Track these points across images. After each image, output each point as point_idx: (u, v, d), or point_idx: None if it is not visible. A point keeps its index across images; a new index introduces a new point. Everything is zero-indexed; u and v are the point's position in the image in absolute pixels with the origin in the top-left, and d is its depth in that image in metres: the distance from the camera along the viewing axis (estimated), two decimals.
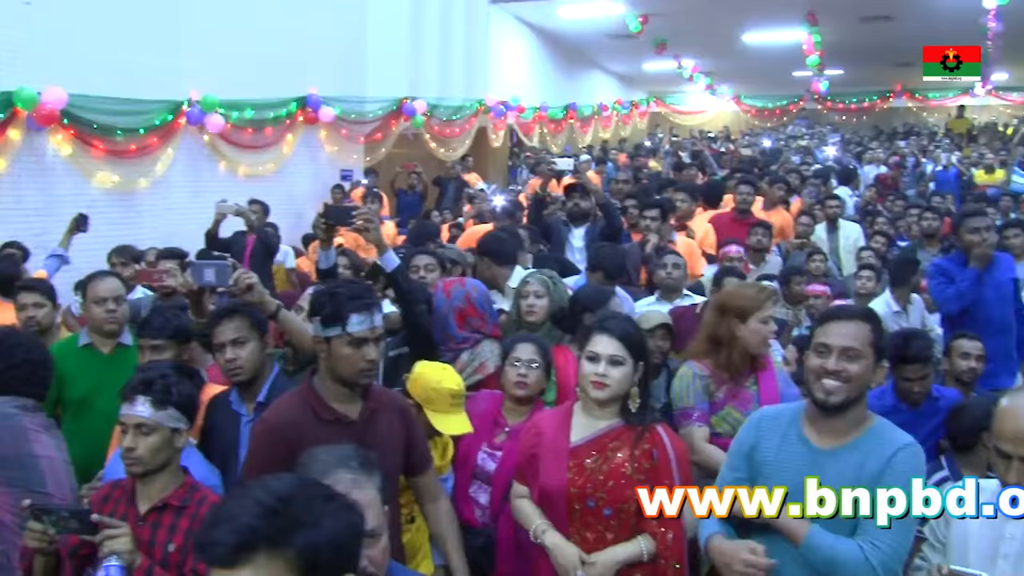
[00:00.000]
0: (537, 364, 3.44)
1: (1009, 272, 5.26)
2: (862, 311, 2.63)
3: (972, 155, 16.26)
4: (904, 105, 26.19)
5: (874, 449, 2.49)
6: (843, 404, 2.51)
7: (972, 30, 17.13)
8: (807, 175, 11.19)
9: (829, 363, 2.50)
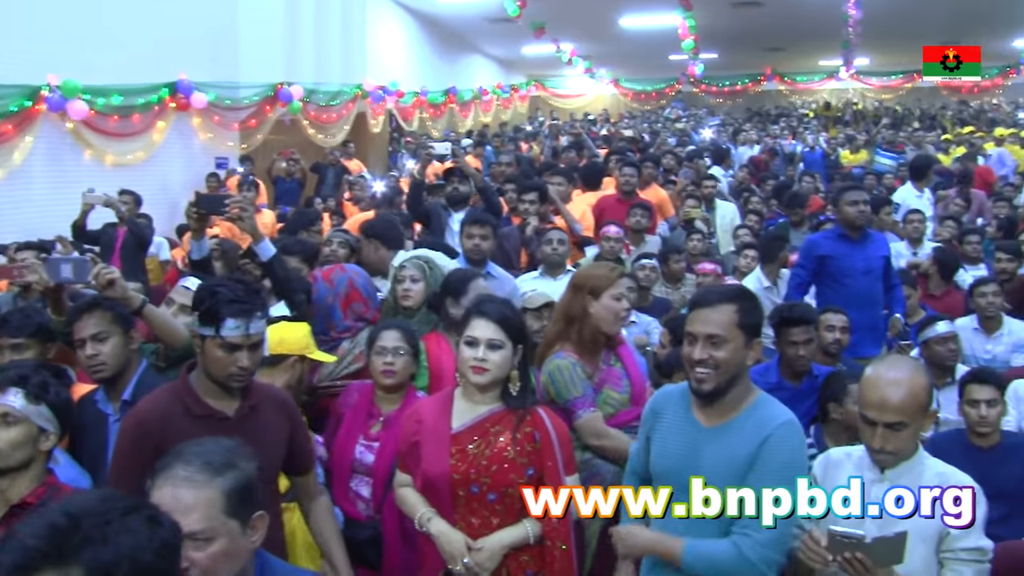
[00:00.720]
0: (403, 351, 3.41)
1: (881, 249, 5.47)
2: (729, 294, 2.62)
3: (839, 136, 16.91)
4: (775, 88, 27.05)
5: (753, 427, 2.52)
6: (716, 391, 2.54)
7: (835, 17, 17.85)
8: (683, 156, 11.43)
9: (695, 352, 2.52)
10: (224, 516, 1.94)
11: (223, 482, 1.96)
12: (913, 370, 2.53)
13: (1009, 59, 23.63)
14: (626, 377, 3.48)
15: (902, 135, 16.60)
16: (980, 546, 2.44)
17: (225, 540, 1.94)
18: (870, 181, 10.59)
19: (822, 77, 25.88)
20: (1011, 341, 5.31)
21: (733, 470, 2.48)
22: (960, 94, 25.03)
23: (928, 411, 2.52)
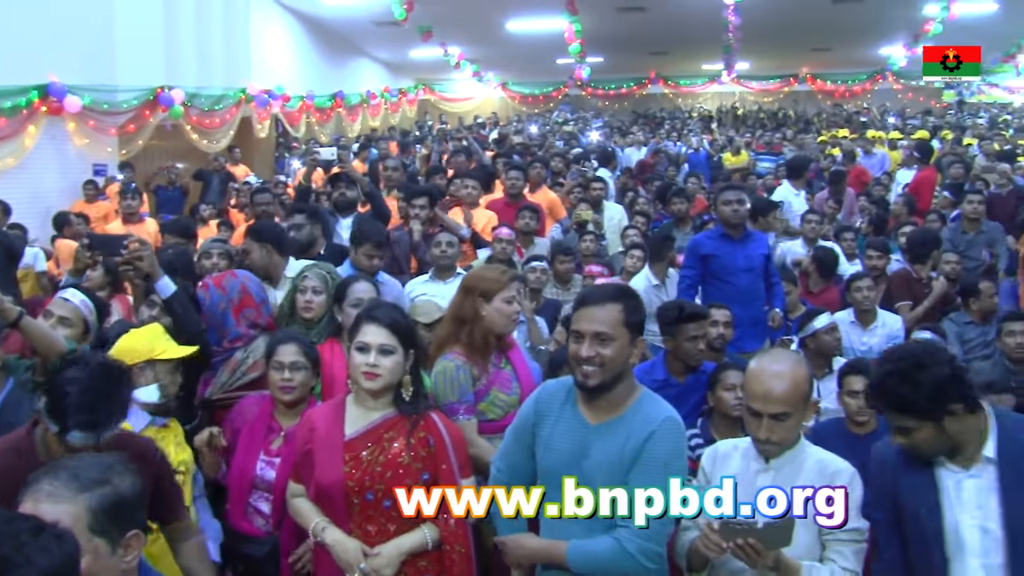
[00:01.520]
0: (301, 365, 3.35)
1: (761, 248, 5.67)
2: (614, 292, 2.65)
3: (720, 139, 17.39)
4: (660, 91, 27.59)
5: (636, 424, 2.57)
6: (601, 386, 2.57)
7: (716, 23, 18.37)
8: (570, 159, 11.57)
9: (583, 350, 2.55)
10: (89, 533, 1.88)
11: (89, 498, 1.90)
12: (795, 363, 2.63)
13: (877, 65, 24.75)
14: (516, 379, 3.50)
15: (778, 136, 17.19)
16: (858, 527, 2.55)
17: (89, 558, 1.86)
18: (751, 182, 10.95)
19: (705, 81, 26.54)
20: (885, 333, 5.55)
21: (620, 466, 2.53)
22: (833, 98, 26.10)
23: (809, 401, 2.63)
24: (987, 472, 2.46)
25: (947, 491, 2.49)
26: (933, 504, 2.49)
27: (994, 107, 22.76)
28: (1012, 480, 2.43)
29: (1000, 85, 24.50)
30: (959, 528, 2.47)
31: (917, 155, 10.74)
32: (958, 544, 2.47)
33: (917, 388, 2.39)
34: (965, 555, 2.46)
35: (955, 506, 2.48)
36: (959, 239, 7.18)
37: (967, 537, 2.46)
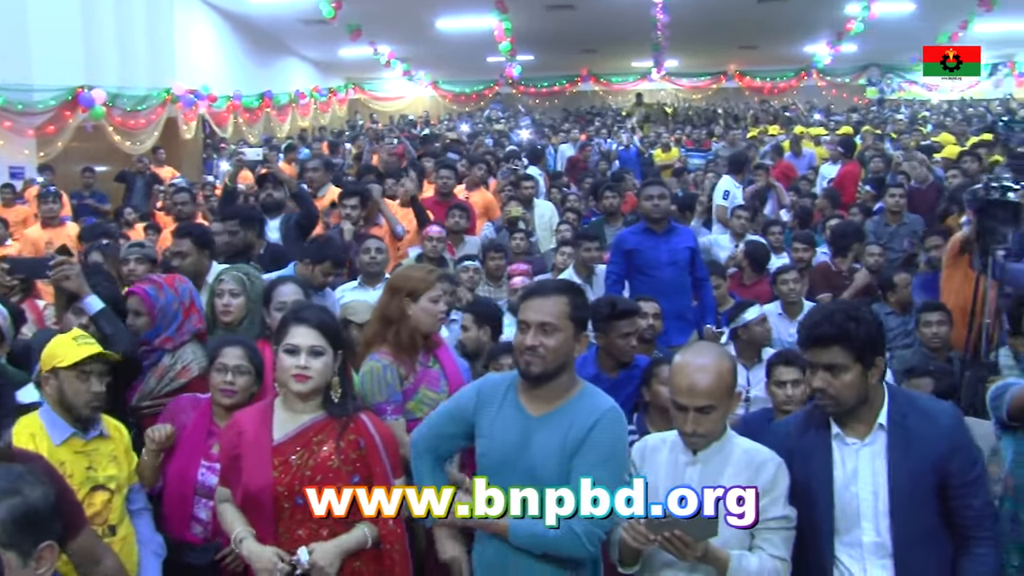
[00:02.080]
0: (245, 369, 3.28)
1: (686, 241, 5.71)
2: (561, 286, 2.75)
3: (650, 135, 17.56)
4: (591, 89, 27.76)
5: (579, 415, 2.62)
6: (543, 375, 2.62)
7: (645, 21, 18.55)
8: (500, 157, 11.57)
9: (528, 338, 2.59)
10: None
11: None
12: (718, 355, 2.66)
13: (802, 63, 25.25)
14: (444, 377, 3.51)
15: (707, 133, 17.41)
16: (786, 514, 2.58)
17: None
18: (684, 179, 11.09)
19: (635, 78, 26.73)
20: None
21: (563, 455, 2.58)
22: (761, 95, 26.54)
23: (734, 393, 2.66)
24: (879, 439, 2.60)
25: (842, 464, 2.62)
26: (826, 476, 2.61)
27: (914, 104, 23.36)
28: (898, 446, 2.57)
29: (919, 83, 25.20)
30: (853, 497, 2.59)
31: (841, 150, 10.97)
32: (850, 512, 2.59)
33: (859, 324, 2.54)
34: (859, 520, 2.58)
35: (848, 477, 2.60)
36: (882, 231, 7.34)
37: (860, 503, 2.58)
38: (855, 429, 2.63)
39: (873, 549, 2.58)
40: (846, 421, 2.64)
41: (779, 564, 2.56)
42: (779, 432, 2.75)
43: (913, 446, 2.57)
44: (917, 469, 2.56)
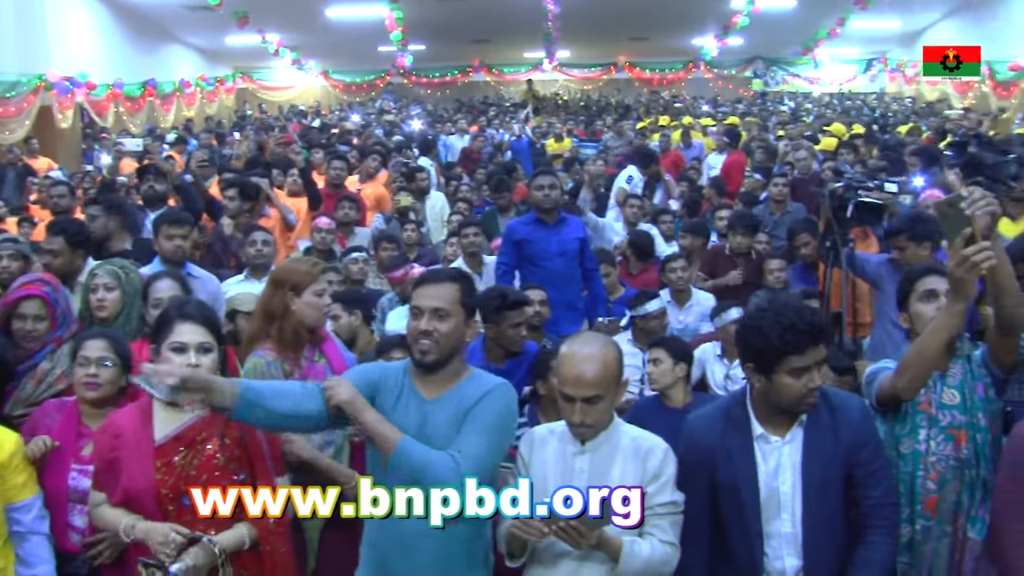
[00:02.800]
0: (110, 361, 3.15)
1: (576, 232, 5.76)
2: (452, 274, 2.78)
3: (542, 125, 17.66)
4: (483, 79, 27.75)
5: (470, 391, 2.66)
6: (437, 361, 2.63)
7: (536, 11, 18.63)
8: (391, 148, 11.48)
9: (421, 324, 2.61)
10: None
11: None
12: (604, 345, 2.68)
13: (691, 55, 25.79)
14: (330, 372, 3.43)
15: (599, 124, 17.62)
16: (674, 499, 2.63)
17: None
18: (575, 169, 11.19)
19: (528, 68, 26.81)
20: (699, 311, 5.77)
21: (457, 430, 2.59)
22: (651, 86, 27.02)
23: (621, 382, 2.68)
24: (799, 435, 2.66)
25: (764, 461, 2.66)
26: (751, 476, 2.66)
27: (797, 96, 24.15)
28: (814, 440, 2.64)
29: (801, 76, 26.08)
30: (774, 492, 2.65)
31: (727, 140, 11.25)
32: (773, 505, 2.65)
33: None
34: (779, 512, 2.64)
35: (771, 474, 2.66)
36: (767, 220, 7.55)
37: (781, 497, 2.64)
38: (778, 427, 2.68)
39: (790, 539, 2.65)
40: (770, 418, 2.69)
41: (669, 548, 2.61)
42: (699, 430, 2.77)
43: (827, 439, 2.64)
44: (829, 461, 2.63)
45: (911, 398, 2.85)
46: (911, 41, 22.42)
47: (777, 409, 2.65)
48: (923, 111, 17.87)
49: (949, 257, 2.58)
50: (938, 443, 2.86)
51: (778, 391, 2.59)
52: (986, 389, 2.91)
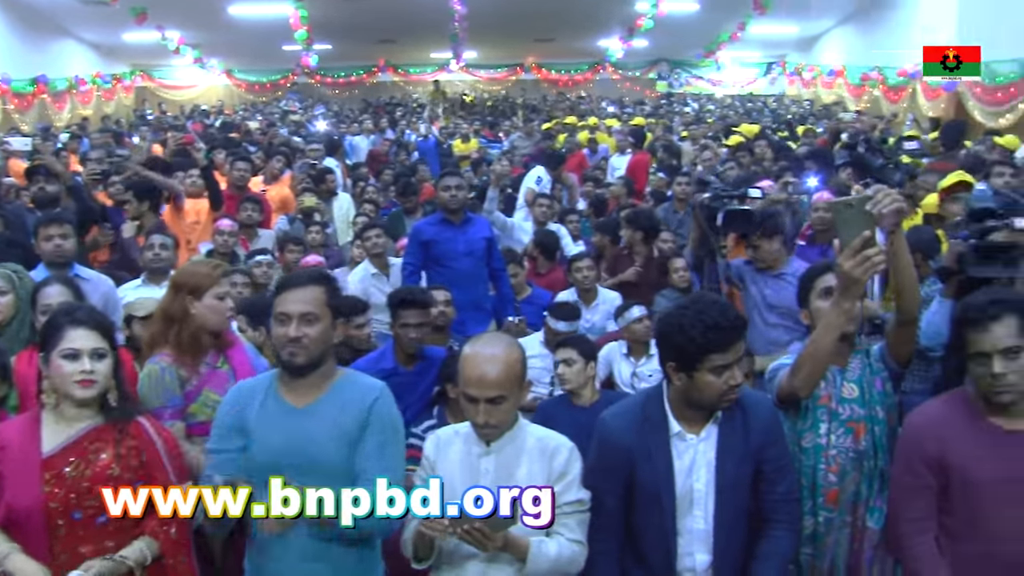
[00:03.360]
0: None
1: (483, 232, 5.77)
2: (316, 276, 2.76)
3: (449, 125, 17.64)
4: (390, 79, 27.57)
5: (350, 397, 2.66)
6: (308, 365, 2.63)
7: (442, 11, 18.59)
8: (299, 148, 11.31)
9: (291, 330, 2.59)
10: None
11: None
12: (507, 346, 2.67)
13: (597, 56, 26.09)
14: (233, 379, 3.33)
15: (507, 124, 17.67)
16: (580, 498, 2.64)
17: None
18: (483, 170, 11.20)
19: (434, 69, 26.75)
20: (605, 310, 5.81)
21: (342, 441, 2.60)
22: (558, 87, 27.23)
23: (524, 383, 2.68)
24: (713, 433, 2.68)
25: (680, 459, 2.68)
26: (668, 475, 2.67)
27: (700, 98, 24.65)
28: (727, 438, 2.67)
29: (704, 78, 26.65)
30: (690, 489, 2.67)
31: (632, 140, 11.40)
32: (686, 502, 2.67)
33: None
34: (692, 508, 2.67)
35: (687, 471, 2.68)
36: (672, 218, 7.66)
37: (694, 493, 2.67)
38: (694, 424, 2.69)
39: (701, 536, 2.68)
40: (687, 415, 2.70)
41: (577, 547, 2.62)
42: (616, 429, 2.75)
43: (739, 437, 2.67)
44: (741, 459, 2.67)
45: (807, 396, 2.92)
46: (808, 46, 23.17)
47: (696, 407, 2.67)
48: (820, 113, 18.43)
49: (843, 257, 2.60)
50: (838, 436, 2.94)
51: (699, 389, 2.59)
52: (884, 383, 3.00)
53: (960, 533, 2.64)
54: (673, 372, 2.64)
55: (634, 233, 6.40)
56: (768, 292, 4.64)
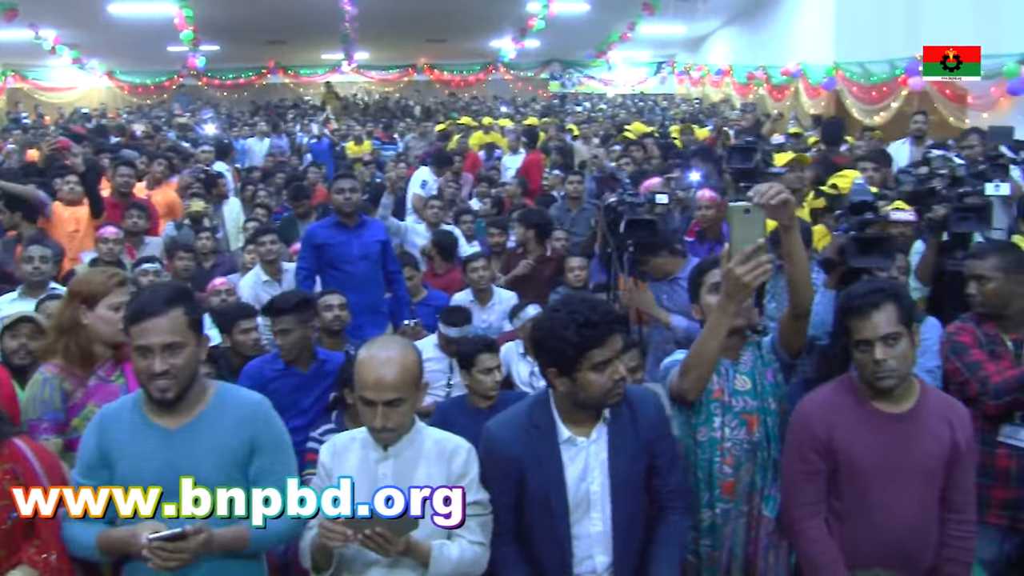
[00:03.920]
0: None
1: (377, 235, 5.72)
2: (172, 296, 2.52)
3: (343, 127, 17.42)
4: (281, 81, 27.13)
5: (230, 414, 2.57)
6: (180, 395, 2.50)
7: (333, 12, 18.38)
8: (190, 153, 11.01)
9: (155, 365, 2.44)
10: None
11: None
12: (403, 348, 2.64)
13: (489, 57, 26.18)
14: (126, 392, 3.19)
15: (402, 126, 17.54)
16: (479, 499, 2.64)
17: None
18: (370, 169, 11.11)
19: (326, 70, 26.45)
20: (501, 309, 5.83)
21: (226, 458, 2.51)
22: (451, 87, 27.23)
23: (420, 385, 2.66)
24: (603, 434, 2.68)
25: (572, 463, 2.68)
26: (559, 480, 2.66)
27: (592, 97, 24.99)
28: (617, 438, 2.68)
29: (596, 78, 27.03)
30: (585, 492, 2.67)
31: (525, 140, 11.47)
32: (583, 506, 2.68)
33: None
34: (588, 512, 2.67)
35: (579, 475, 2.68)
36: (564, 217, 7.73)
37: (591, 496, 2.67)
38: (583, 426, 2.69)
39: (599, 538, 2.69)
40: (575, 418, 2.69)
41: (479, 549, 2.61)
42: (501, 440, 2.72)
43: (630, 435, 2.68)
44: (634, 456, 2.68)
45: (695, 398, 2.94)
46: (696, 46, 23.75)
47: (585, 407, 2.66)
48: (708, 112, 18.90)
49: (733, 262, 2.57)
50: (732, 428, 2.98)
51: (584, 389, 2.58)
52: (775, 374, 3.06)
53: (848, 514, 2.74)
54: (555, 378, 2.63)
55: (527, 231, 6.44)
56: (663, 297, 4.70)
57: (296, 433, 3.61)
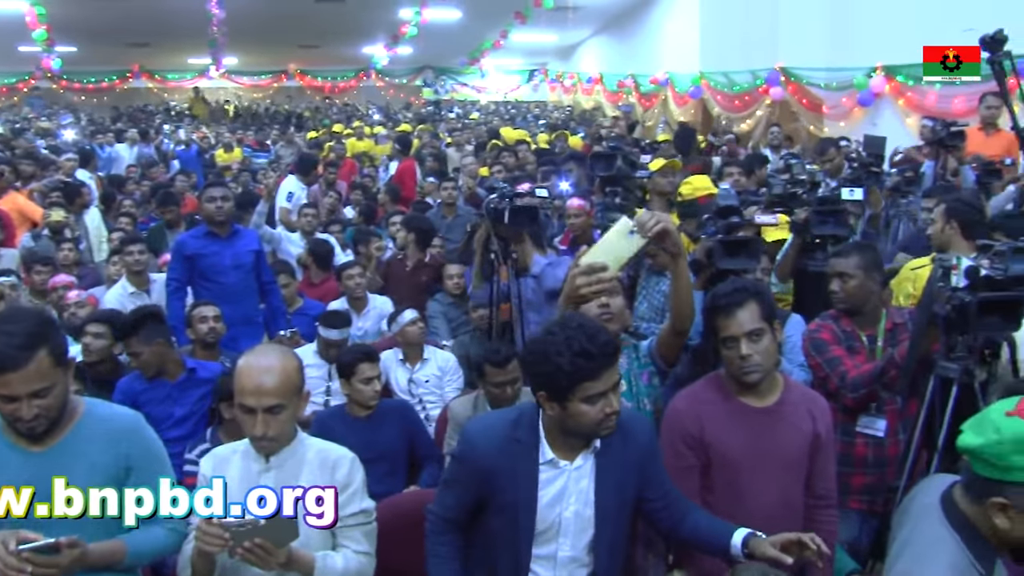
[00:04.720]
0: None
1: (250, 244, 5.62)
2: (32, 338, 2.34)
3: (211, 135, 17.03)
4: (145, 85, 26.29)
5: (102, 433, 2.49)
6: (50, 428, 2.40)
7: (200, 15, 17.90)
8: (49, 160, 10.54)
9: (22, 410, 2.33)
10: None
11: None
12: (283, 355, 2.62)
13: (362, 64, 26.02)
14: None
15: (275, 133, 17.26)
16: (364, 508, 2.61)
17: None
18: (244, 177, 10.90)
19: (193, 75, 25.80)
20: (376, 315, 5.83)
21: (100, 478, 2.41)
22: (323, 93, 26.94)
23: (302, 392, 2.63)
24: (589, 462, 2.60)
25: (550, 485, 2.59)
26: (531, 498, 2.57)
27: (465, 104, 25.14)
28: (606, 467, 2.61)
29: (469, 85, 27.21)
30: (557, 517, 2.59)
31: (398, 147, 11.47)
32: (551, 530, 2.60)
33: None
34: (557, 537, 2.61)
35: (554, 498, 2.59)
36: (440, 223, 7.77)
37: (562, 522, 2.60)
38: (569, 452, 2.59)
39: (567, 562, 2.63)
40: (562, 442, 2.59)
41: (364, 559, 2.59)
42: (481, 447, 2.62)
43: (619, 462, 2.62)
44: (624, 484, 2.63)
45: None
46: (568, 54, 24.20)
47: (573, 435, 2.56)
48: (579, 119, 19.28)
49: (576, 271, 2.77)
50: None
51: (574, 418, 2.47)
52: (651, 376, 3.18)
53: (720, 507, 2.84)
54: (545, 401, 2.53)
55: (408, 235, 6.45)
56: (529, 292, 4.77)
57: (174, 444, 3.55)
